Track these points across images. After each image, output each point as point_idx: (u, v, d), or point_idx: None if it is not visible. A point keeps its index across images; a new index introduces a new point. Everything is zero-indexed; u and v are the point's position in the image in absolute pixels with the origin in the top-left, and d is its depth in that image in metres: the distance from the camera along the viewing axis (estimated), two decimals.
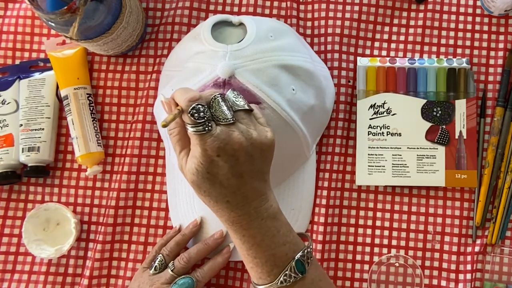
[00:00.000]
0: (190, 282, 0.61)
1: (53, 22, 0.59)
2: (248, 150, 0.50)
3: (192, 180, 0.50)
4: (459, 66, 0.70)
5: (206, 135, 0.48)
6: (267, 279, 0.52)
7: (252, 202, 0.51)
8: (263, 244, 0.51)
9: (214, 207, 0.52)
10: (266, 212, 0.52)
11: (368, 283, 0.67)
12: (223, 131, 0.49)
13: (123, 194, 0.69)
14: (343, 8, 0.72)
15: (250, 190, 0.51)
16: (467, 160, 0.68)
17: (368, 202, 0.69)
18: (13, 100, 0.71)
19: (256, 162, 0.51)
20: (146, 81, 0.72)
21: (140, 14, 0.69)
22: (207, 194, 0.51)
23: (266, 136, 0.51)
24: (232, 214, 0.51)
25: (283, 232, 0.52)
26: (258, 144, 0.50)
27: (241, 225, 0.51)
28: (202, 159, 0.49)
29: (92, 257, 0.68)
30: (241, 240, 0.52)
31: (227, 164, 0.49)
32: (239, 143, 0.49)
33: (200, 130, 0.48)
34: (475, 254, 0.67)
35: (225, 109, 0.50)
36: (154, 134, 0.70)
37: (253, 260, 0.52)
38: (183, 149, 0.52)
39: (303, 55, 0.63)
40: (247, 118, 0.51)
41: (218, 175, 0.49)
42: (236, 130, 0.49)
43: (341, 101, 0.70)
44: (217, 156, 0.49)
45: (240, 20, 0.64)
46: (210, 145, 0.48)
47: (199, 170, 0.49)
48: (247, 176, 0.50)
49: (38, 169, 0.69)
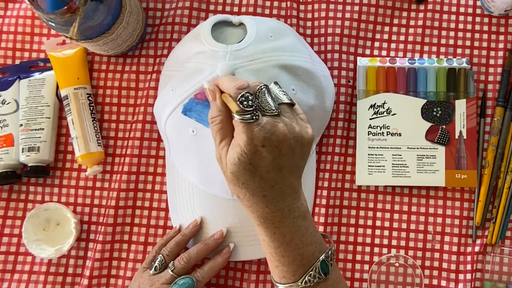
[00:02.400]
0: (190, 282, 0.61)
1: (53, 22, 0.59)
2: (291, 143, 0.49)
3: (233, 170, 0.49)
4: (459, 66, 0.70)
5: (253, 124, 0.48)
6: (291, 278, 0.51)
7: (286, 198, 0.51)
8: (292, 243, 0.51)
9: (249, 201, 0.51)
10: (297, 210, 0.51)
11: (368, 283, 0.67)
12: (269, 121, 0.49)
13: (123, 194, 0.69)
14: (343, 8, 0.72)
15: (286, 186, 0.50)
16: (467, 160, 0.68)
17: (368, 202, 0.69)
18: (13, 100, 0.71)
19: (296, 157, 0.50)
20: (146, 81, 0.72)
21: (140, 14, 0.69)
22: (244, 186, 0.50)
23: (307, 131, 0.51)
24: (266, 210, 0.50)
25: (311, 231, 0.52)
26: (300, 138, 0.50)
27: (273, 222, 0.51)
28: (247, 148, 0.48)
29: (92, 257, 0.68)
30: (271, 238, 0.51)
31: (270, 156, 0.49)
32: (284, 134, 0.49)
33: (248, 118, 0.48)
34: (475, 254, 0.67)
35: (270, 100, 0.50)
36: (154, 134, 0.70)
37: (280, 259, 0.52)
38: (223, 139, 0.51)
39: (303, 55, 0.63)
40: (289, 112, 0.51)
41: (259, 166, 0.49)
42: (281, 122, 0.49)
43: (341, 101, 0.70)
44: (262, 147, 0.48)
45: (240, 20, 0.64)
46: (256, 134, 0.48)
47: (242, 160, 0.49)
48: (286, 171, 0.50)
49: (38, 169, 0.69)
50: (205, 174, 0.63)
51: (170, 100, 0.62)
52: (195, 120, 0.60)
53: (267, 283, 0.68)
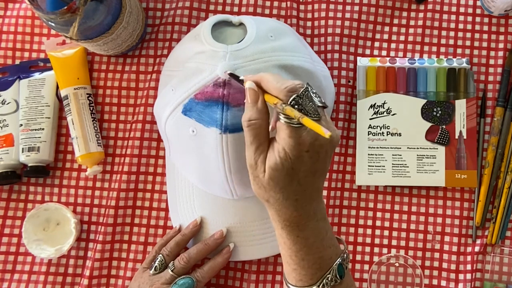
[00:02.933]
0: (190, 282, 0.61)
1: (53, 22, 0.59)
2: (327, 148, 0.49)
3: (273, 176, 0.48)
4: (459, 66, 0.70)
5: (302, 128, 0.47)
6: (308, 281, 0.51)
7: (313, 201, 0.50)
8: (314, 246, 0.50)
9: (280, 205, 0.49)
10: (320, 213, 0.51)
11: (368, 283, 0.67)
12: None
13: (123, 194, 0.69)
14: (343, 8, 0.72)
15: (315, 190, 0.50)
16: (467, 160, 0.68)
17: (368, 202, 0.69)
18: (13, 100, 0.71)
19: (327, 160, 0.50)
20: (146, 81, 0.72)
21: (140, 14, 0.69)
22: (281, 191, 0.48)
23: (337, 134, 0.50)
24: (294, 213, 0.49)
25: (329, 234, 0.52)
26: (335, 142, 0.49)
27: (297, 226, 0.50)
28: (293, 153, 0.47)
29: (92, 257, 0.68)
30: (294, 241, 0.50)
31: (311, 160, 0.48)
32: (324, 139, 0.48)
33: (296, 122, 0.47)
34: (475, 254, 0.67)
35: (313, 104, 0.48)
36: (154, 134, 0.70)
37: (300, 262, 0.51)
38: (260, 145, 0.49)
39: (303, 55, 0.63)
40: (323, 115, 0.50)
41: (299, 171, 0.48)
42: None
43: (341, 101, 0.70)
44: (306, 152, 0.47)
45: (240, 20, 0.64)
46: (304, 139, 0.47)
47: (285, 165, 0.47)
48: (318, 174, 0.49)
49: (38, 169, 0.69)
50: (205, 174, 0.63)
51: (170, 100, 0.62)
52: (195, 120, 0.60)
53: (267, 283, 0.68)
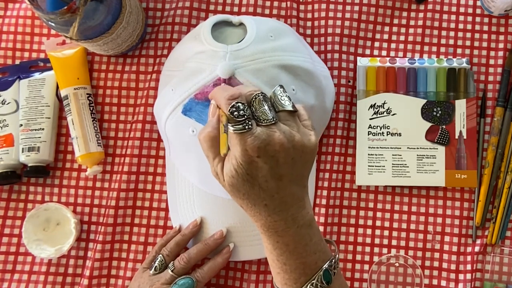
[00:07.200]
0: (190, 282, 0.61)
1: (53, 22, 0.59)
2: (289, 152, 0.48)
3: (231, 183, 0.49)
4: (459, 66, 0.70)
5: (246, 134, 0.47)
6: (292, 286, 0.51)
7: (290, 208, 0.50)
8: (295, 252, 0.50)
9: (252, 211, 0.50)
10: (302, 219, 0.50)
11: (368, 283, 0.67)
12: (263, 131, 0.47)
13: (123, 194, 0.69)
14: (343, 8, 0.72)
15: (288, 195, 0.49)
16: (467, 160, 0.68)
17: (368, 202, 0.69)
18: (13, 100, 0.71)
19: (297, 165, 0.49)
20: (146, 81, 0.72)
21: (140, 14, 0.69)
22: (245, 197, 0.49)
23: (309, 139, 0.50)
24: (269, 218, 0.50)
25: (315, 240, 0.51)
26: (300, 146, 0.49)
27: (276, 231, 0.50)
28: (242, 159, 0.47)
29: (92, 257, 0.68)
30: (274, 246, 0.51)
31: (266, 165, 0.48)
32: (280, 144, 0.48)
33: (240, 128, 0.47)
34: (475, 254, 0.67)
35: (266, 109, 0.48)
36: (154, 134, 0.70)
37: (282, 266, 0.51)
38: (217, 155, 0.50)
39: (303, 55, 0.63)
40: (290, 119, 0.50)
41: (257, 177, 0.48)
42: (278, 131, 0.48)
43: (341, 101, 0.70)
44: (257, 157, 0.47)
45: (240, 20, 0.64)
46: (250, 144, 0.47)
47: (239, 172, 0.48)
48: (286, 180, 0.49)
49: (38, 169, 0.69)
50: (205, 174, 0.63)
51: (170, 100, 0.62)
52: (195, 120, 0.60)
53: (267, 283, 0.68)
